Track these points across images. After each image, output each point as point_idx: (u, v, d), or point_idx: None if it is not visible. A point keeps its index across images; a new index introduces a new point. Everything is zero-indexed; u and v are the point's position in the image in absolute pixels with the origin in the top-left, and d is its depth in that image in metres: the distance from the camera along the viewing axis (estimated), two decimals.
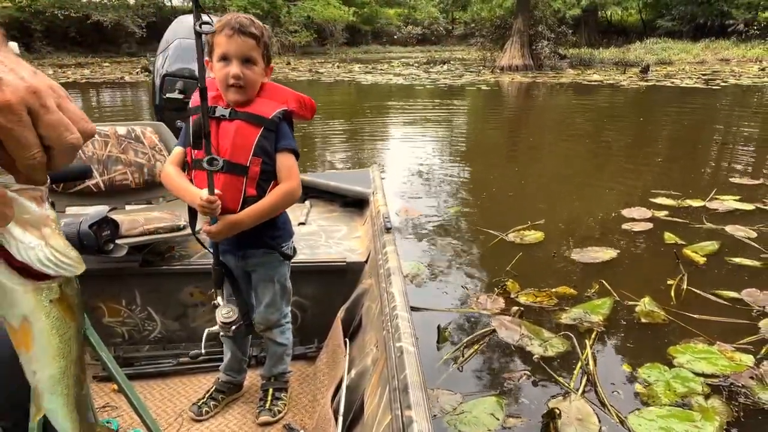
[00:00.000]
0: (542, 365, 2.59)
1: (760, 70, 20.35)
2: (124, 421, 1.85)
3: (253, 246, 1.73)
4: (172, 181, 1.66)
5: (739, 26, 27.01)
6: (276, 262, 1.79)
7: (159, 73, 2.85)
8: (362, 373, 1.61)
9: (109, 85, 17.93)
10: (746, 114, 11.32)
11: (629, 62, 23.77)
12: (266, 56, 1.63)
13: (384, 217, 2.24)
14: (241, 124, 1.60)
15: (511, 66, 22.83)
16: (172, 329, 2.28)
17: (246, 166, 1.60)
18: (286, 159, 1.65)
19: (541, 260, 3.88)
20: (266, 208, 1.63)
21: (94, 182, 2.48)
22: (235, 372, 1.98)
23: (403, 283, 1.70)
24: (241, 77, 1.56)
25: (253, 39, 1.56)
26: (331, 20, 36.62)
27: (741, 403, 2.30)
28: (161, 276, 2.21)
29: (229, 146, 1.59)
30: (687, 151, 7.78)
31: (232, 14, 1.59)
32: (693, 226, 4.48)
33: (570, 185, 6.01)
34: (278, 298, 1.84)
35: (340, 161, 7.24)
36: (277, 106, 1.64)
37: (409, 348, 1.30)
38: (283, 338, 1.91)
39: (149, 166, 2.57)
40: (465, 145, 8.81)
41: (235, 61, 1.55)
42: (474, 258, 4.02)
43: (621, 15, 36.56)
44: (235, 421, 1.88)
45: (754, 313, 3.04)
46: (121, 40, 32.27)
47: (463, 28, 36.81)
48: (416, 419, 1.04)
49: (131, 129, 2.59)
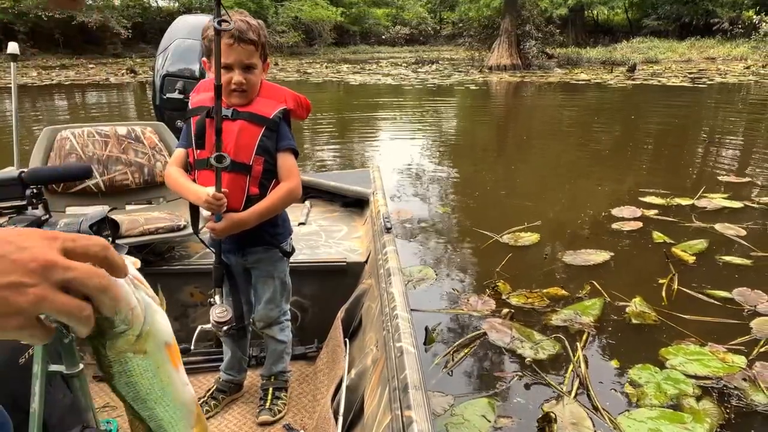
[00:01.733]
0: (534, 368, 2.56)
1: (745, 68, 20.54)
2: (124, 421, 1.83)
3: (254, 243, 1.76)
4: (176, 181, 1.68)
5: (724, 25, 27.24)
6: (276, 258, 1.82)
7: (159, 74, 2.85)
8: (362, 373, 1.62)
9: (94, 87, 17.74)
10: (732, 112, 11.41)
11: (616, 61, 23.91)
12: (264, 56, 1.65)
13: (384, 217, 2.24)
14: (244, 124, 1.63)
15: (499, 65, 22.88)
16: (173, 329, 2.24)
17: (249, 165, 1.64)
18: (286, 158, 1.69)
19: (532, 261, 3.85)
20: (269, 207, 1.67)
21: (94, 182, 2.47)
22: (235, 371, 1.98)
23: (403, 283, 1.71)
24: (243, 84, 1.59)
25: (253, 45, 1.59)
26: (319, 20, 36.48)
27: (733, 405, 2.28)
28: (161, 276, 2.21)
29: (233, 146, 1.61)
30: (675, 150, 7.81)
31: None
32: (683, 224, 4.48)
33: (560, 185, 6.00)
34: (278, 294, 1.86)
35: (329, 162, 7.18)
36: (276, 105, 1.67)
37: (409, 348, 1.30)
38: (283, 335, 1.92)
39: (149, 166, 2.58)
40: (456, 145, 8.79)
41: (237, 69, 1.58)
42: (465, 259, 3.99)
43: (607, 14, 36.78)
44: (235, 420, 1.89)
45: (745, 313, 3.03)
46: (107, 41, 31.96)
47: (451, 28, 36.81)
48: (416, 419, 1.05)
49: (131, 129, 2.59)
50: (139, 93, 16.66)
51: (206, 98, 1.65)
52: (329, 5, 37.80)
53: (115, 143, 2.52)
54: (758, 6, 25.91)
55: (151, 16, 34.98)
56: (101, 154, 2.50)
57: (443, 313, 3.13)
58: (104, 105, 13.58)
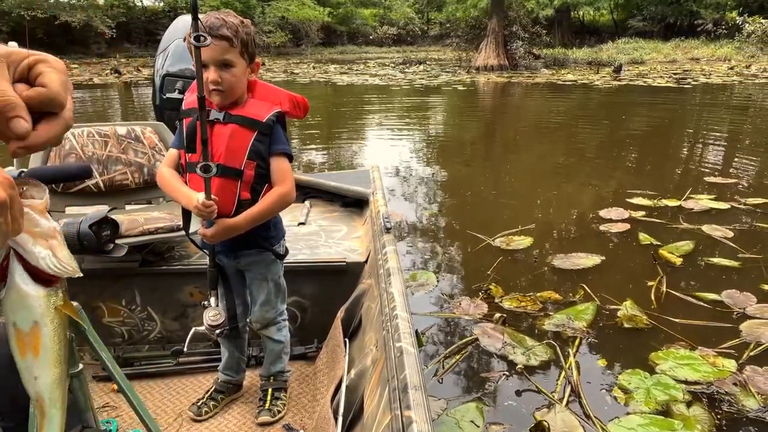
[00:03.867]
0: (525, 375, 2.54)
1: (729, 69, 20.79)
2: (124, 421, 1.87)
3: (246, 246, 1.75)
4: (168, 183, 1.67)
5: (708, 26, 27.57)
6: (269, 261, 1.81)
7: (159, 74, 2.85)
8: (362, 373, 1.61)
9: (77, 87, 17.48)
10: (717, 112, 11.53)
11: (602, 62, 24.09)
12: (247, 53, 1.59)
13: (384, 217, 2.23)
14: (236, 128, 1.60)
15: (486, 66, 22.94)
16: (172, 329, 2.30)
17: (240, 170, 1.61)
18: (280, 163, 1.66)
19: (523, 264, 3.83)
20: (261, 212, 1.65)
21: (94, 182, 2.47)
22: (233, 371, 1.98)
23: (403, 283, 1.70)
24: (219, 82, 1.54)
25: (225, 41, 1.52)
26: (306, 20, 36.36)
27: (724, 410, 2.27)
28: (161, 276, 2.23)
29: (224, 150, 1.59)
30: (662, 150, 7.86)
31: (205, 16, 1.53)
32: (670, 226, 4.49)
33: (549, 186, 6.00)
34: (273, 296, 1.86)
35: (317, 163, 7.13)
36: (270, 108, 1.64)
37: (409, 348, 1.30)
38: (280, 336, 1.92)
39: (149, 166, 2.56)
40: (444, 146, 8.78)
41: (211, 67, 1.53)
42: (457, 262, 3.96)
43: (593, 15, 37.06)
44: (234, 421, 1.89)
45: (734, 316, 3.04)
46: (91, 41, 31.61)
47: (438, 28, 36.92)
48: (416, 419, 1.04)
49: (131, 129, 2.58)
50: (124, 93, 16.47)
51: None
52: (316, 5, 37.67)
53: (114, 143, 2.52)
54: (741, 7, 26.27)
55: (135, 16, 34.67)
56: (101, 154, 2.49)
57: (435, 316, 3.10)
58: (88, 105, 13.39)
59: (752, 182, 5.88)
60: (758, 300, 3.19)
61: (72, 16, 28.73)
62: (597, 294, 3.30)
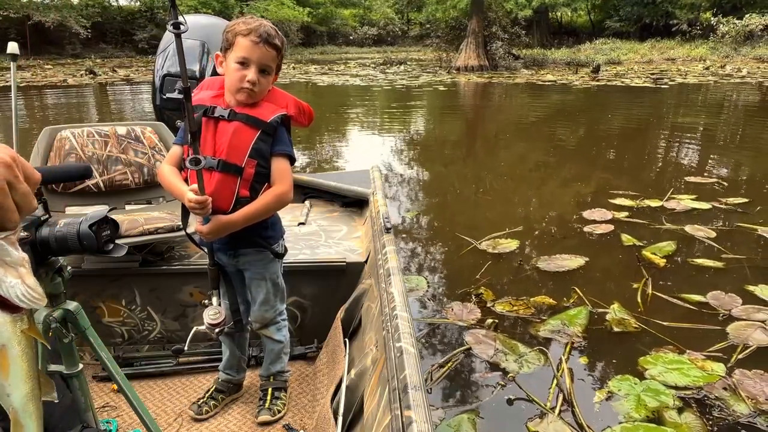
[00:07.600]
0: (518, 384, 2.50)
1: (704, 69, 21.15)
2: (124, 421, 1.87)
3: (245, 245, 1.77)
4: (167, 179, 1.69)
5: (683, 26, 28.02)
6: (267, 260, 1.82)
7: (159, 74, 2.84)
8: (362, 374, 1.62)
9: (50, 89, 17.13)
10: (694, 111, 11.70)
11: (580, 62, 24.34)
12: (279, 66, 1.68)
13: (384, 217, 2.23)
14: (239, 126, 1.63)
15: (467, 66, 23.02)
16: (172, 329, 2.31)
17: (241, 167, 1.63)
18: (280, 163, 1.69)
19: (510, 268, 3.81)
20: (257, 210, 1.67)
21: (94, 182, 2.47)
22: (234, 371, 2.00)
23: (403, 283, 1.69)
24: (256, 83, 1.60)
25: (275, 50, 1.62)
26: (286, 21, 36.04)
27: (715, 416, 2.26)
28: (161, 276, 2.24)
29: (226, 146, 1.62)
30: (642, 150, 7.93)
31: (257, 20, 1.63)
32: (653, 226, 4.51)
33: (531, 187, 6.00)
34: (271, 295, 1.87)
35: (297, 166, 7.04)
36: (276, 110, 1.68)
37: (409, 348, 1.29)
38: (280, 335, 1.93)
39: (149, 166, 2.56)
40: (425, 147, 8.74)
41: (254, 68, 1.59)
42: (445, 266, 3.92)
43: (571, 16, 37.48)
44: (234, 420, 1.90)
45: (720, 317, 3.04)
46: (65, 41, 31.03)
47: (418, 29, 36.91)
48: (416, 419, 1.05)
49: (131, 129, 2.58)
50: (99, 94, 16.15)
51: (206, 97, 1.67)
52: (296, 5, 37.44)
53: (114, 143, 2.52)
54: (715, 8, 26.74)
55: (111, 16, 34.09)
56: (101, 154, 2.49)
57: (427, 321, 3.06)
58: (62, 107, 13.09)
59: (730, 180, 5.96)
60: (743, 301, 3.20)
61: (45, 16, 28.13)
62: (586, 297, 3.28)
